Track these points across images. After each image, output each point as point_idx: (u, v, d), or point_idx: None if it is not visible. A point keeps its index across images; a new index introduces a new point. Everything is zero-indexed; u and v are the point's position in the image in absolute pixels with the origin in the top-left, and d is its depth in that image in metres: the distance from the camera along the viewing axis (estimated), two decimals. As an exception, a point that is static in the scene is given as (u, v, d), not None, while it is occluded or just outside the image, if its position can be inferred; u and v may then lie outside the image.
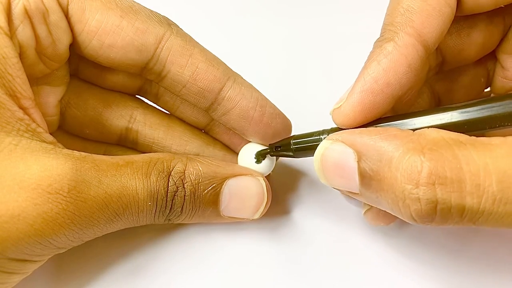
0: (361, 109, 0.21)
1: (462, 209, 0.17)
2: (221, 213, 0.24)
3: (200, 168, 0.23)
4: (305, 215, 0.28)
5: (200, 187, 0.23)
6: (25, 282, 0.23)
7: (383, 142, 0.19)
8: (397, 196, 0.18)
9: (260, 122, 0.24)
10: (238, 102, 0.24)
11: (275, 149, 0.25)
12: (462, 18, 0.23)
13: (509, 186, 0.16)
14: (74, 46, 0.24)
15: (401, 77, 0.21)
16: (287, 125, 0.26)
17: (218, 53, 0.25)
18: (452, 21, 0.22)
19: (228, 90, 0.24)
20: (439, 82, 0.27)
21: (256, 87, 0.25)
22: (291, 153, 0.24)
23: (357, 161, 0.19)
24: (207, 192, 0.23)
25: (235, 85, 0.24)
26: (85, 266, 0.26)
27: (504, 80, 0.25)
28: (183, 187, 0.23)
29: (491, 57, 0.26)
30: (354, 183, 0.20)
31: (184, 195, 0.23)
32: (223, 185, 0.24)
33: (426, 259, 0.26)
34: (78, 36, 0.23)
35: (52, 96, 0.25)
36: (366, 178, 0.19)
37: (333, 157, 0.21)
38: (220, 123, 0.26)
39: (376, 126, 0.21)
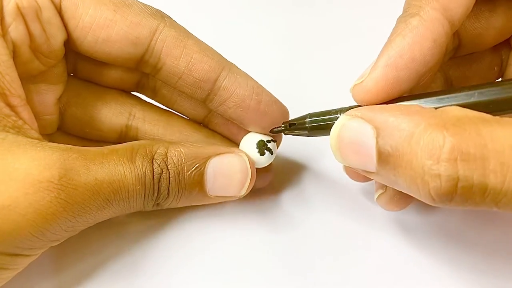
0: (384, 85, 0.20)
1: (484, 188, 0.16)
2: (207, 193, 0.24)
3: (182, 150, 0.23)
4: (307, 208, 0.28)
5: (184, 168, 0.23)
6: (23, 279, 0.23)
7: (404, 118, 0.18)
8: (416, 172, 0.17)
9: (257, 110, 0.25)
10: (234, 91, 0.24)
11: (289, 126, 0.25)
12: (482, 1, 0.23)
13: None
14: (70, 42, 0.24)
15: (426, 53, 0.20)
16: (284, 111, 0.26)
17: (215, 47, 0.25)
18: (472, 4, 0.22)
19: (224, 80, 0.24)
20: (453, 67, 0.26)
21: (255, 79, 0.25)
22: (306, 132, 0.24)
23: (376, 137, 0.19)
24: (191, 172, 0.23)
25: (230, 75, 0.24)
26: (82, 263, 0.26)
27: None
28: (167, 169, 0.23)
29: (506, 46, 0.26)
30: (371, 160, 0.19)
31: (169, 177, 0.23)
32: (207, 165, 0.24)
33: (432, 252, 0.26)
34: (72, 32, 0.23)
35: (50, 94, 0.25)
36: (384, 155, 0.19)
37: (351, 134, 0.20)
38: (218, 115, 0.26)
39: (397, 104, 0.21)
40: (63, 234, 0.21)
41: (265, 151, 0.25)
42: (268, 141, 0.25)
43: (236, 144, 0.27)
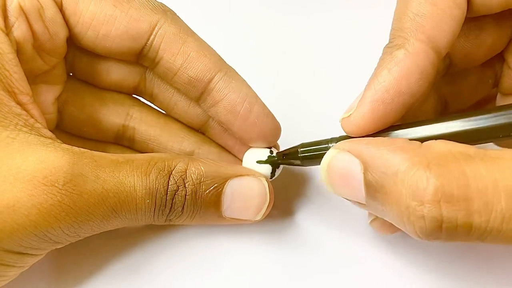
0: (371, 119, 0.20)
1: (469, 228, 0.17)
2: (223, 214, 0.24)
3: (202, 168, 0.23)
4: (310, 220, 0.28)
5: (202, 186, 0.23)
6: (22, 280, 0.23)
7: (389, 154, 0.18)
8: (402, 211, 0.18)
9: (247, 119, 0.24)
10: (226, 95, 0.24)
11: (283, 157, 0.25)
12: (470, 20, 0.22)
13: None
14: (71, 38, 0.24)
15: (413, 86, 0.20)
16: (275, 127, 0.25)
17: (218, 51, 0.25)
18: (460, 23, 0.21)
19: (218, 81, 0.24)
20: (446, 85, 0.26)
21: (255, 89, 0.25)
22: (298, 161, 0.24)
23: (363, 172, 0.19)
24: (209, 192, 0.23)
25: (225, 78, 0.24)
26: (84, 265, 0.26)
27: None
28: (184, 186, 0.22)
29: (499, 58, 0.25)
30: (360, 193, 0.20)
31: (185, 195, 0.22)
32: (225, 185, 0.23)
33: (429, 265, 0.26)
34: (73, 28, 0.23)
35: (50, 94, 0.25)
36: (371, 189, 0.19)
37: (339, 167, 0.20)
38: (215, 125, 0.26)
39: (384, 136, 0.21)
40: (66, 238, 0.21)
41: (268, 166, 0.25)
42: (275, 160, 0.25)
43: (231, 154, 0.27)
